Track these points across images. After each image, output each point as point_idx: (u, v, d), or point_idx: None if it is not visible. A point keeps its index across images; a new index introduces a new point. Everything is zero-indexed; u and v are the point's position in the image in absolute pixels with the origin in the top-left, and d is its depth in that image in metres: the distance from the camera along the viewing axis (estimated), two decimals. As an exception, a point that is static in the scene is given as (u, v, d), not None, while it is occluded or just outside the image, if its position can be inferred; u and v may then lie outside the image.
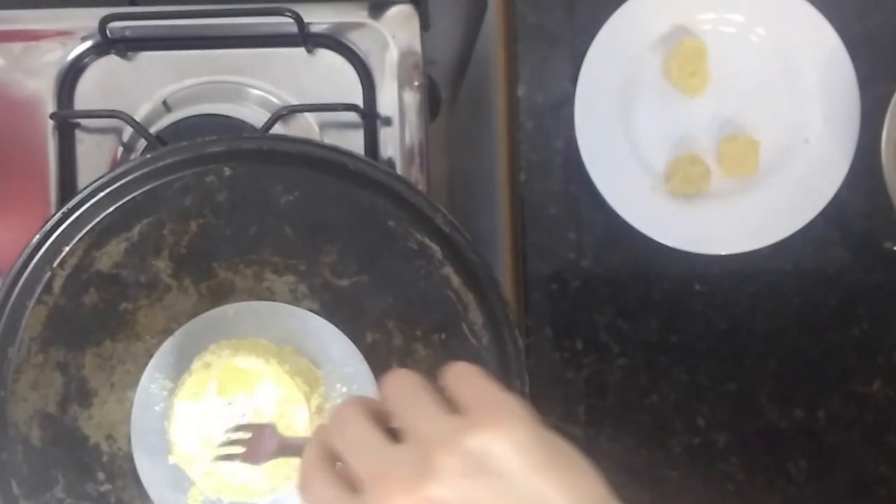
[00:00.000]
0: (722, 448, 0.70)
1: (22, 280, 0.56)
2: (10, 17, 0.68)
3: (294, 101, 0.67)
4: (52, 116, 0.66)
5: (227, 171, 0.58)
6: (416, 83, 0.68)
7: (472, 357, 0.57)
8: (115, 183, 0.57)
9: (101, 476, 0.56)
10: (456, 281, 0.58)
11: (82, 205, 0.57)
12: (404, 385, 0.41)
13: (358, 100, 0.67)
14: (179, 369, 0.56)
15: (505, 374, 0.57)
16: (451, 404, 0.39)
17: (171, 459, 0.54)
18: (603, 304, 0.70)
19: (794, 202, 0.69)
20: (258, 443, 0.49)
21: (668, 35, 0.70)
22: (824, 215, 0.69)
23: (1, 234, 0.67)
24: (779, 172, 0.70)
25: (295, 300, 0.57)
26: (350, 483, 0.39)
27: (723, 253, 0.69)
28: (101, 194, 0.57)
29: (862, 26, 0.70)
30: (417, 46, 0.68)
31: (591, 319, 0.70)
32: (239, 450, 0.49)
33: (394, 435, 0.39)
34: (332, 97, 0.67)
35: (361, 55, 0.68)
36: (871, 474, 0.70)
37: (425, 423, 0.38)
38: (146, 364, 0.57)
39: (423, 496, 0.37)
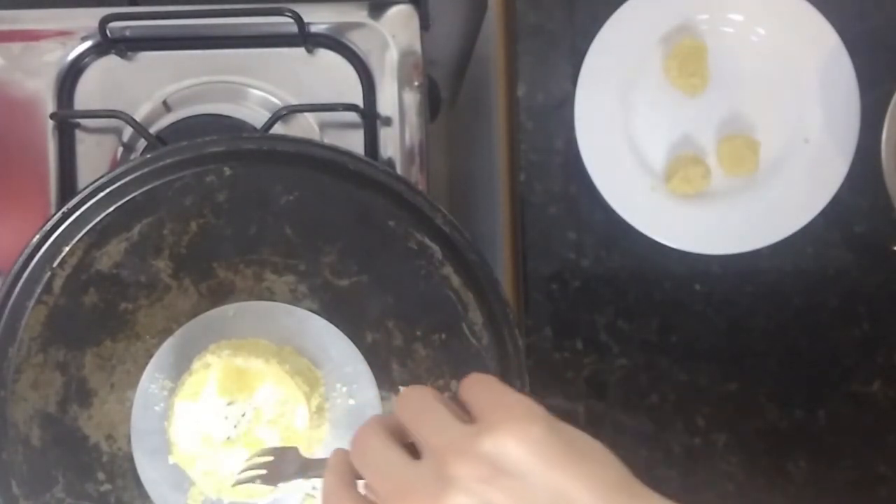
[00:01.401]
0: (722, 448, 0.70)
1: (22, 280, 0.56)
2: (10, 17, 0.68)
3: (294, 101, 0.67)
4: (52, 116, 0.66)
5: (227, 171, 0.58)
6: (416, 83, 0.68)
7: (472, 357, 0.57)
8: (115, 183, 0.57)
9: (101, 476, 0.56)
10: (456, 281, 0.58)
11: (82, 205, 0.57)
12: (417, 399, 0.41)
13: (358, 100, 0.67)
14: (179, 369, 0.56)
15: (505, 374, 0.57)
16: (465, 415, 0.39)
17: (172, 459, 0.54)
18: (603, 304, 0.70)
19: (794, 202, 0.69)
20: (280, 465, 0.48)
21: (668, 35, 0.70)
22: (824, 215, 0.69)
23: (1, 234, 0.67)
24: (779, 172, 0.70)
25: (295, 300, 0.57)
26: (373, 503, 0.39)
27: (723, 253, 0.69)
28: (101, 194, 0.57)
29: (862, 26, 0.70)
30: (417, 46, 0.68)
31: (591, 319, 0.70)
32: (260, 472, 0.48)
33: (414, 451, 0.39)
34: (332, 97, 0.67)
35: (361, 55, 0.68)
36: (871, 474, 0.70)
37: (439, 435, 0.39)
38: (146, 364, 0.57)
39: None
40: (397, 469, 0.39)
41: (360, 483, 0.41)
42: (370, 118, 0.67)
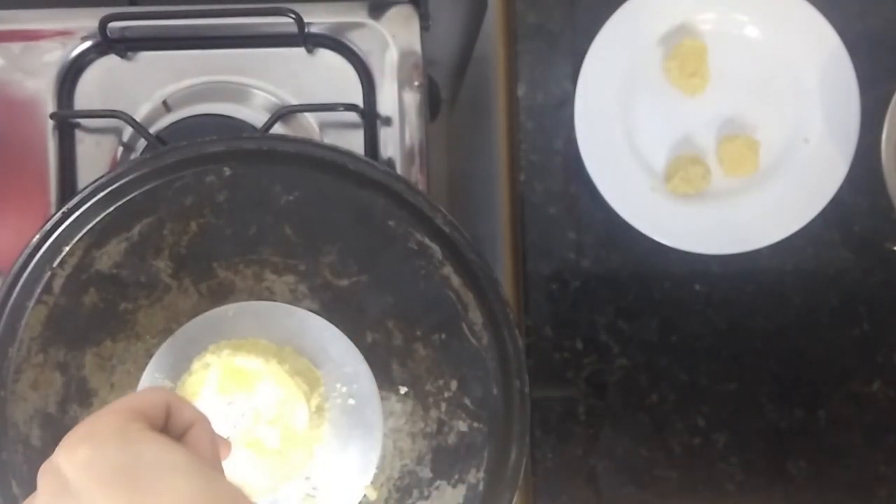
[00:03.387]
0: (722, 448, 0.70)
1: (22, 280, 0.56)
2: (10, 17, 0.68)
3: (294, 101, 0.67)
4: (52, 116, 0.66)
5: (227, 171, 0.58)
6: (416, 83, 0.68)
7: (472, 357, 0.57)
8: (115, 183, 0.57)
9: (101, 476, 0.56)
10: (456, 281, 0.58)
11: (82, 205, 0.57)
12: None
13: (358, 100, 0.67)
14: (179, 369, 0.56)
15: (505, 374, 0.57)
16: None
17: None
18: (603, 304, 0.70)
19: (794, 202, 0.69)
20: None
21: (668, 35, 0.70)
22: (824, 215, 0.69)
23: (1, 234, 0.67)
24: (779, 172, 0.70)
25: (295, 300, 0.57)
26: None
27: (723, 253, 0.69)
28: (101, 194, 0.57)
29: (862, 26, 0.70)
30: (417, 46, 0.68)
31: (591, 319, 0.70)
32: None
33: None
34: (332, 97, 0.67)
35: (361, 55, 0.68)
36: (871, 474, 0.70)
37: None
38: (146, 364, 0.57)
39: None
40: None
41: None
42: (370, 118, 0.67)
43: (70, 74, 0.67)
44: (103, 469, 0.38)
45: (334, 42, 0.68)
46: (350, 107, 0.66)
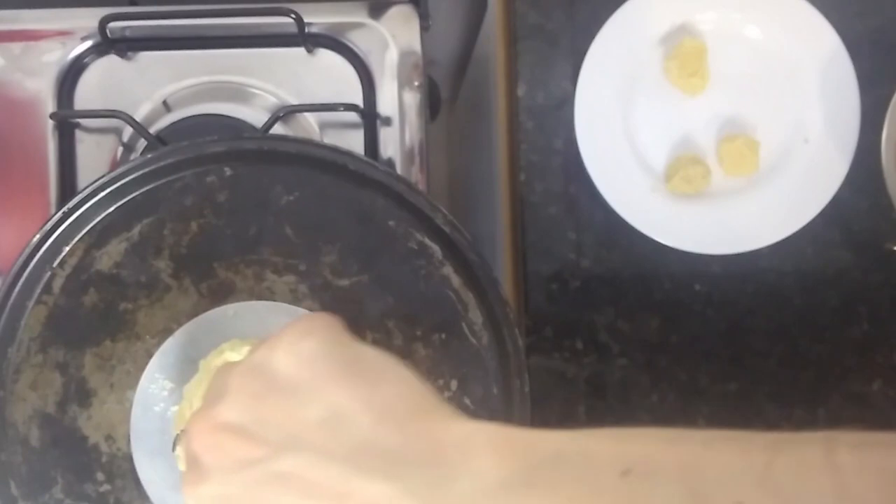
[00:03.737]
0: (722, 448, 0.70)
1: (22, 280, 0.56)
2: (10, 17, 0.68)
3: (294, 101, 0.67)
4: (52, 116, 0.66)
5: (228, 171, 0.58)
6: (416, 83, 0.68)
7: (472, 357, 0.57)
8: (115, 183, 0.57)
9: (100, 476, 0.56)
10: (456, 281, 0.57)
11: (82, 205, 0.57)
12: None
13: (358, 100, 0.67)
14: (179, 369, 0.56)
15: (505, 374, 0.57)
16: None
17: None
18: (603, 304, 0.70)
19: (794, 202, 0.69)
20: None
21: (668, 35, 0.70)
22: (824, 215, 0.69)
23: (1, 234, 0.67)
24: (779, 172, 0.70)
25: (295, 300, 0.57)
26: None
27: (723, 253, 0.69)
28: (101, 194, 0.57)
29: (862, 26, 0.70)
30: (417, 46, 0.68)
31: (591, 319, 0.70)
32: None
33: None
34: (332, 97, 0.67)
35: (361, 55, 0.68)
36: (872, 474, 0.70)
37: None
38: (146, 364, 0.57)
39: (216, 422, 0.37)
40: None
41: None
42: (370, 118, 0.67)
43: (70, 74, 0.67)
44: (330, 361, 0.37)
45: (334, 42, 0.68)
46: (350, 107, 0.66)
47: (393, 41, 0.68)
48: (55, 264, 0.57)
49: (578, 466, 0.35)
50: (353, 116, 0.67)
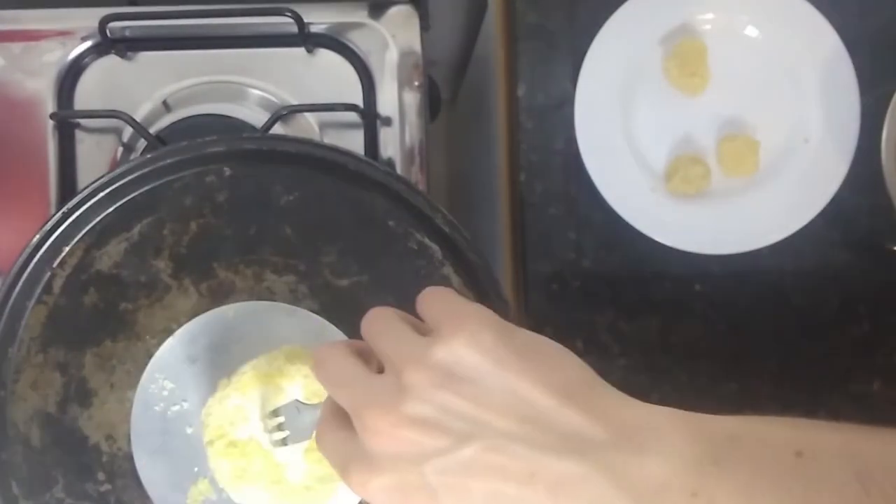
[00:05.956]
0: (722, 448, 0.70)
1: (22, 280, 0.56)
2: (10, 17, 0.68)
3: (294, 101, 0.67)
4: (52, 116, 0.66)
5: (227, 171, 0.58)
6: (416, 83, 0.68)
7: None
8: (115, 183, 0.57)
9: (100, 476, 0.56)
10: (456, 281, 0.58)
11: (82, 205, 0.57)
12: (378, 318, 0.42)
13: (358, 100, 0.67)
14: (179, 369, 0.56)
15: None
16: (425, 330, 0.40)
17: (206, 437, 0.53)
18: (603, 304, 0.70)
19: (794, 202, 0.69)
20: (295, 420, 0.48)
21: (668, 35, 0.70)
22: (824, 215, 0.69)
23: (1, 234, 0.67)
24: (779, 172, 0.70)
25: (295, 300, 0.57)
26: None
27: (723, 253, 0.69)
28: (101, 194, 0.57)
29: (862, 26, 0.70)
30: (417, 46, 0.68)
31: (591, 319, 0.70)
32: (283, 434, 0.49)
33: (379, 370, 0.40)
34: (332, 97, 0.67)
35: (361, 55, 0.68)
36: (871, 474, 0.70)
37: (398, 348, 0.39)
38: (146, 364, 0.57)
39: (400, 416, 0.37)
40: (358, 381, 0.40)
41: None
42: (370, 118, 0.67)
43: (70, 74, 0.67)
44: (510, 349, 0.38)
45: (334, 42, 0.68)
46: (350, 107, 0.66)
47: (393, 41, 0.68)
48: (55, 264, 0.57)
49: (755, 447, 0.37)
50: (353, 116, 0.67)
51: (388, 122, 0.67)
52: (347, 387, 0.40)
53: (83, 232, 0.57)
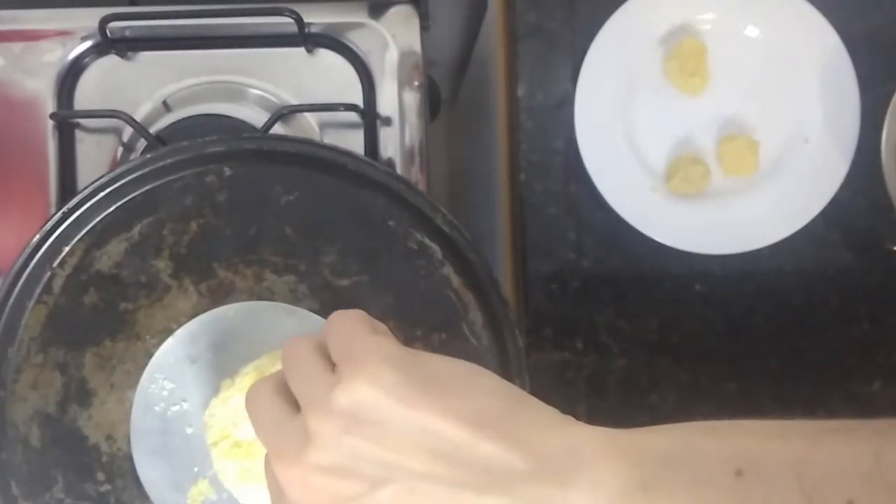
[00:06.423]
0: (722, 448, 0.70)
1: (22, 280, 0.56)
2: (10, 17, 0.68)
3: (294, 101, 0.67)
4: (52, 116, 0.66)
5: (228, 171, 0.58)
6: (416, 83, 0.68)
7: (472, 357, 0.57)
8: (115, 183, 0.57)
9: (100, 476, 0.56)
10: (456, 281, 0.57)
11: (82, 205, 0.57)
12: (291, 354, 0.41)
13: (358, 100, 0.67)
14: (179, 369, 0.56)
15: (505, 374, 0.57)
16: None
17: (210, 438, 0.53)
18: (603, 304, 0.70)
19: (794, 202, 0.69)
20: None
21: (668, 35, 0.70)
22: (824, 215, 0.69)
23: (1, 234, 0.67)
24: (779, 172, 0.70)
25: (295, 300, 0.57)
26: None
27: (723, 253, 0.69)
28: (101, 194, 0.57)
29: (862, 26, 0.70)
30: (417, 46, 0.68)
31: (591, 319, 0.70)
32: None
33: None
34: (332, 97, 0.67)
35: (361, 55, 0.68)
36: (872, 474, 0.70)
37: (305, 390, 0.38)
38: (146, 364, 0.57)
39: (308, 466, 0.36)
40: (274, 427, 0.39)
41: None
42: (370, 118, 0.67)
43: (70, 74, 0.67)
44: (413, 382, 0.36)
45: (334, 42, 0.68)
46: (350, 107, 0.66)
47: (393, 41, 0.68)
48: (55, 264, 0.57)
49: (691, 468, 0.35)
50: (353, 116, 0.67)
51: (388, 122, 0.67)
52: (265, 431, 0.39)
53: (83, 232, 0.57)
